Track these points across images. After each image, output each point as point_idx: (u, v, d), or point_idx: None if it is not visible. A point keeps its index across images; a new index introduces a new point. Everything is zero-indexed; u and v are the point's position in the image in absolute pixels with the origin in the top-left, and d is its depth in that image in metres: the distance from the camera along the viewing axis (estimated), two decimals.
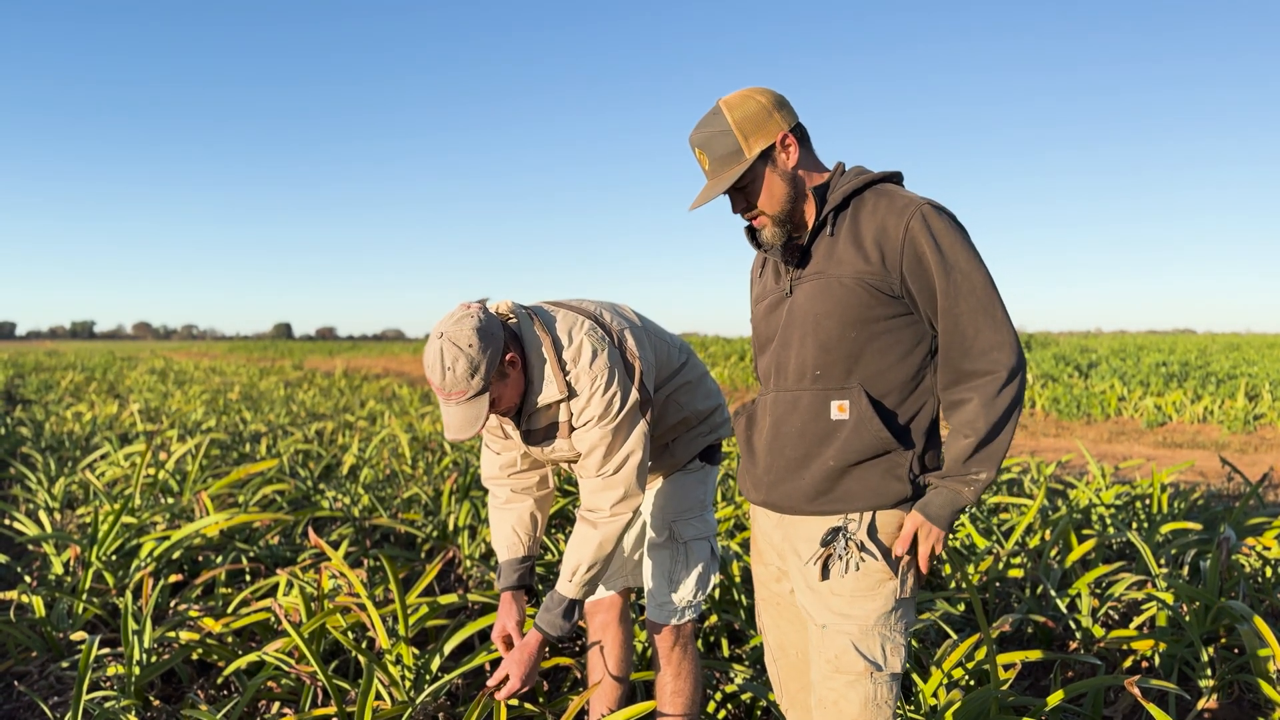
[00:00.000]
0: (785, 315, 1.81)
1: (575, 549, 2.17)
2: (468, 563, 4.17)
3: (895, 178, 1.80)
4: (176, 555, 4.05)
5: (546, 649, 2.27)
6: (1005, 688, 2.61)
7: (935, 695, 2.67)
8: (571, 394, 2.10)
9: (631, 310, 2.38)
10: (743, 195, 1.78)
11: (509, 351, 2.04)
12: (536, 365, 2.11)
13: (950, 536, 3.97)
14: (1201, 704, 2.94)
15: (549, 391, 2.10)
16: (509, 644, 2.31)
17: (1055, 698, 2.49)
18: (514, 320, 2.15)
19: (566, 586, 2.18)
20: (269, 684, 2.91)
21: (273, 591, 3.63)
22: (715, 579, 2.42)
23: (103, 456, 6.81)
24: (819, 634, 1.75)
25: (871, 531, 1.72)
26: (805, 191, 1.78)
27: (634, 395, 2.13)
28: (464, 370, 1.97)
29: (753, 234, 1.84)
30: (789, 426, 1.78)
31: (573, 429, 2.15)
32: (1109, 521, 4.57)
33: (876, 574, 1.71)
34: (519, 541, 2.38)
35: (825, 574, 1.72)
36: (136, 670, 2.88)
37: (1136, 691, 2.27)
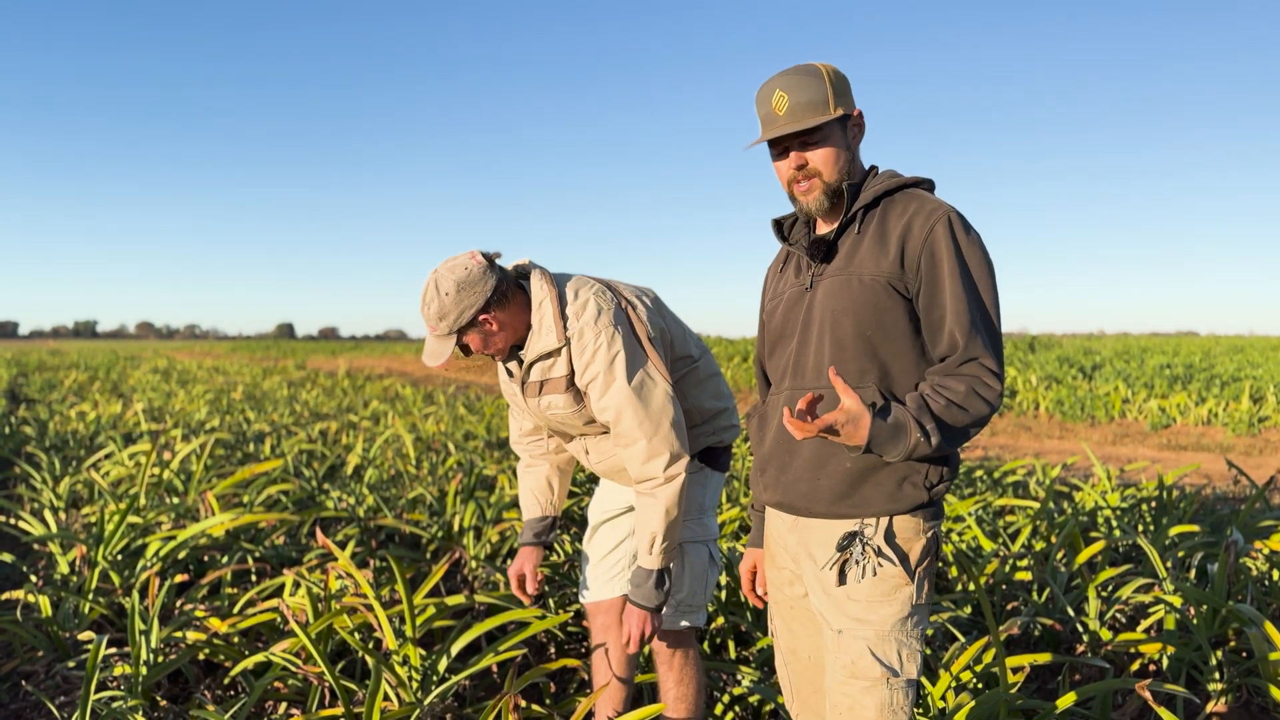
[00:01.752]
0: (805, 312, 1.80)
1: (645, 523, 2.19)
2: (473, 563, 4.17)
3: (927, 184, 1.80)
4: (182, 555, 4.05)
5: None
6: (1014, 691, 2.60)
7: (944, 698, 2.66)
8: (568, 344, 2.18)
9: (654, 293, 2.42)
10: (804, 152, 1.75)
11: (487, 311, 2.16)
12: (538, 317, 2.20)
13: (948, 547, 3.99)
14: (1210, 707, 2.93)
15: (546, 340, 2.19)
16: (521, 582, 2.52)
17: (1066, 700, 2.49)
18: (525, 278, 2.27)
19: (648, 559, 2.22)
20: (276, 684, 2.90)
21: (279, 592, 3.62)
22: (715, 583, 2.42)
23: (107, 456, 6.80)
24: (835, 639, 1.74)
25: (888, 536, 1.70)
26: (855, 174, 1.79)
27: (644, 354, 2.19)
28: (435, 312, 2.14)
29: (779, 227, 1.84)
30: None
31: (572, 385, 2.21)
32: (1115, 524, 4.56)
33: (893, 579, 1.70)
34: (535, 503, 2.55)
35: (842, 579, 1.71)
36: (143, 670, 2.87)
37: (1148, 695, 2.26)
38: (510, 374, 2.35)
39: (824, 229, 1.83)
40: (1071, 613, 3.44)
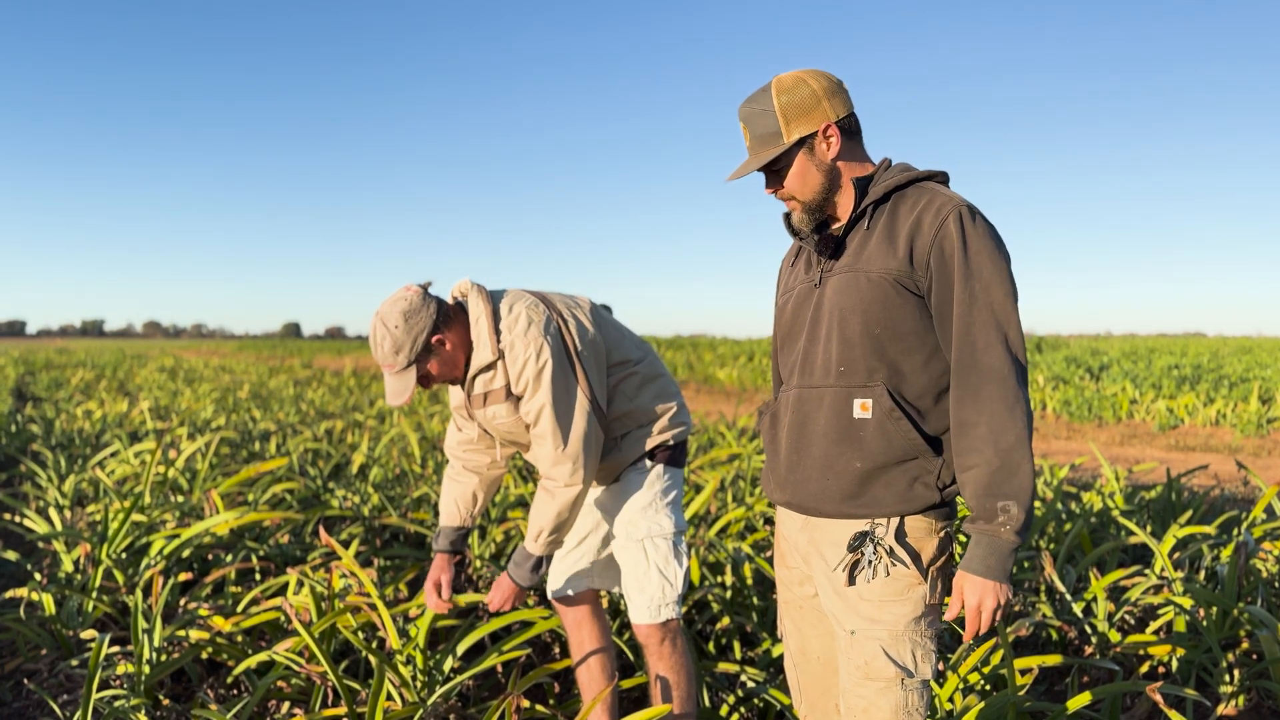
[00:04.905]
0: (813, 309, 1.78)
1: (537, 514, 2.36)
2: (478, 563, 4.15)
3: (940, 177, 1.77)
4: (186, 553, 4.04)
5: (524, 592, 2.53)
6: (1022, 693, 2.58)
7: (952, 700, 2.64)
8: (502, 356, 2.29)
9: (589, 301, 2.52)
10: (777, 177, 1.77)
11: (437, 333, 2.25)
12: (476, 333, 2.31)
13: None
14: (1221, 710, 2.91)
15: (483, 354, 2.30)
16: (438, 589, 2.57)
17: (1077, 702, 2.46)
18: (464, 297, 2.36)
19: (533, 545, 2.40)
20: (279, 684, 2.89)
21: (282, 590, 3.61)
22: (685, 575, 2.47)
23: (113, 454, 6.81)
24: (848, 640, 1.71)
25: (899, 536, 1.68)
26: (841, 183, 1.75)
27: (571, 368, 2.30)
28: (390, 348, 2.22)
29: (789, 221, 1.82)
30: (815, 425, 1.74)
31: (510, 394, 2.31)
32: (1124, 525, 4.53)
33: (905, 579, 1.68)
34: (457, 512, 2.61)
35: (852, 580, 1.69)
36: (146, 669, 2.86)
37: (1159, 698, 2.24)
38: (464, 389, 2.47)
39: (835, 224, 1.80)
40: (1080, 614, 3.41)
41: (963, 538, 1.82)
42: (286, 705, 2.87)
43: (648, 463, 2.49)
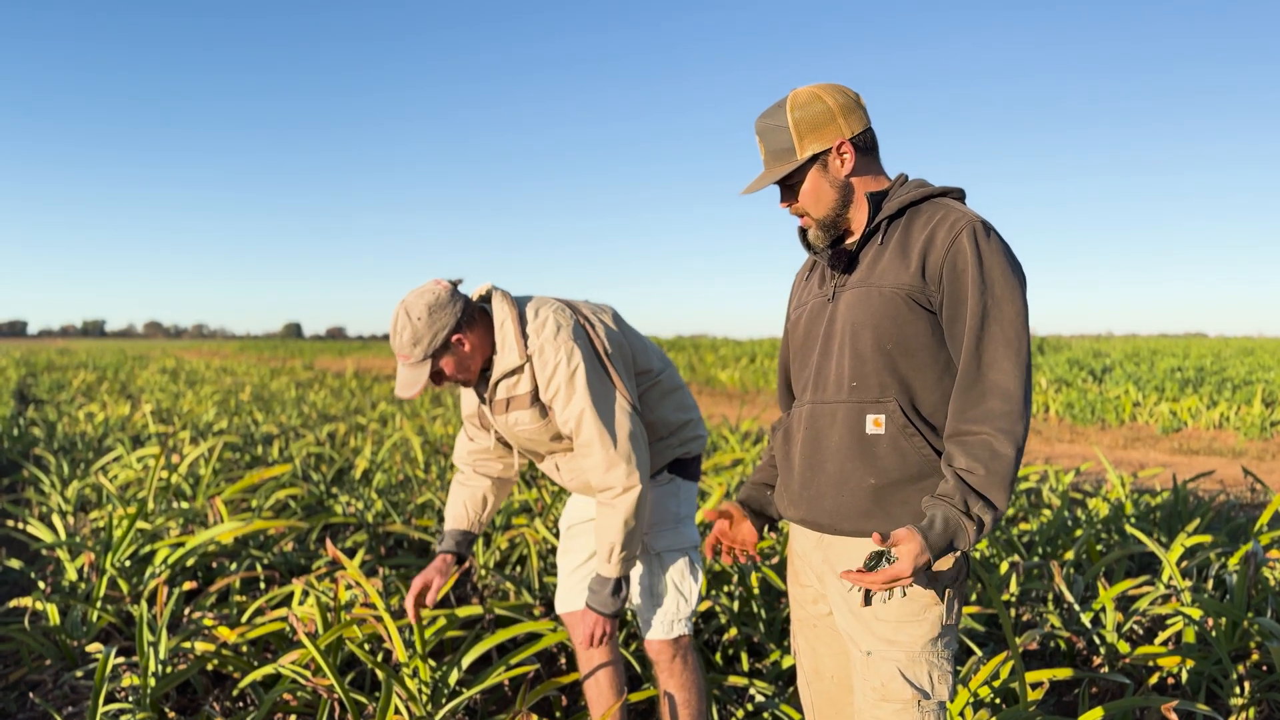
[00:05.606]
0: (826, 323, 1.77)
1: (604, 533, 2.25)
2: (483, 571, 4.14)
3: (956, 193, 1.76)
4: (190, 562, 4.03)
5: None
6: (1033, 708, 2.56)
7: (963, 715, 2.62)
8: (529, 361, 2.24)
9: (613, 310, 2.49)
10: (791, 192, 1.77)
11: (458, 332, 2.21)
12: (501, 336, 2.26)
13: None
14: None
15: (509, 358, 2.24)
16: (421, 595, 2.48)
17: (1089, 718, 2.44)
18: (487, 301, 2.34)
19: (607, 568, 2.29)
20: (285, 697, 2.88)
21: (288, 600, 3.60)
22: (699, 590, 2.45)
23: (115, 459, 6.79)
24: (863, 661, 1.70)
25: None
26: (855, 199, 1.75)
27: (604, 369, 2.26)
28: (408, 338, 2.18)
29: (804, 235, 1.82)
30: (828, 441, 1.73)
31: (536, 400, 2.26)
32: (1130, 533, 4.51)
33: (922, 599, 1.66)
34: (465, 515, 2.56)
35: (868, 600, 1.68)
36: (152, 682, 2.85)
37: (1174, 717, 2.22)
38: (481, 396, 2.40)
39: (850, 238, 1.80)
40: (1088, 624, 3.39)
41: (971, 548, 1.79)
42: (293, 718, 2.86)
43: (665, 476, 2.46)
